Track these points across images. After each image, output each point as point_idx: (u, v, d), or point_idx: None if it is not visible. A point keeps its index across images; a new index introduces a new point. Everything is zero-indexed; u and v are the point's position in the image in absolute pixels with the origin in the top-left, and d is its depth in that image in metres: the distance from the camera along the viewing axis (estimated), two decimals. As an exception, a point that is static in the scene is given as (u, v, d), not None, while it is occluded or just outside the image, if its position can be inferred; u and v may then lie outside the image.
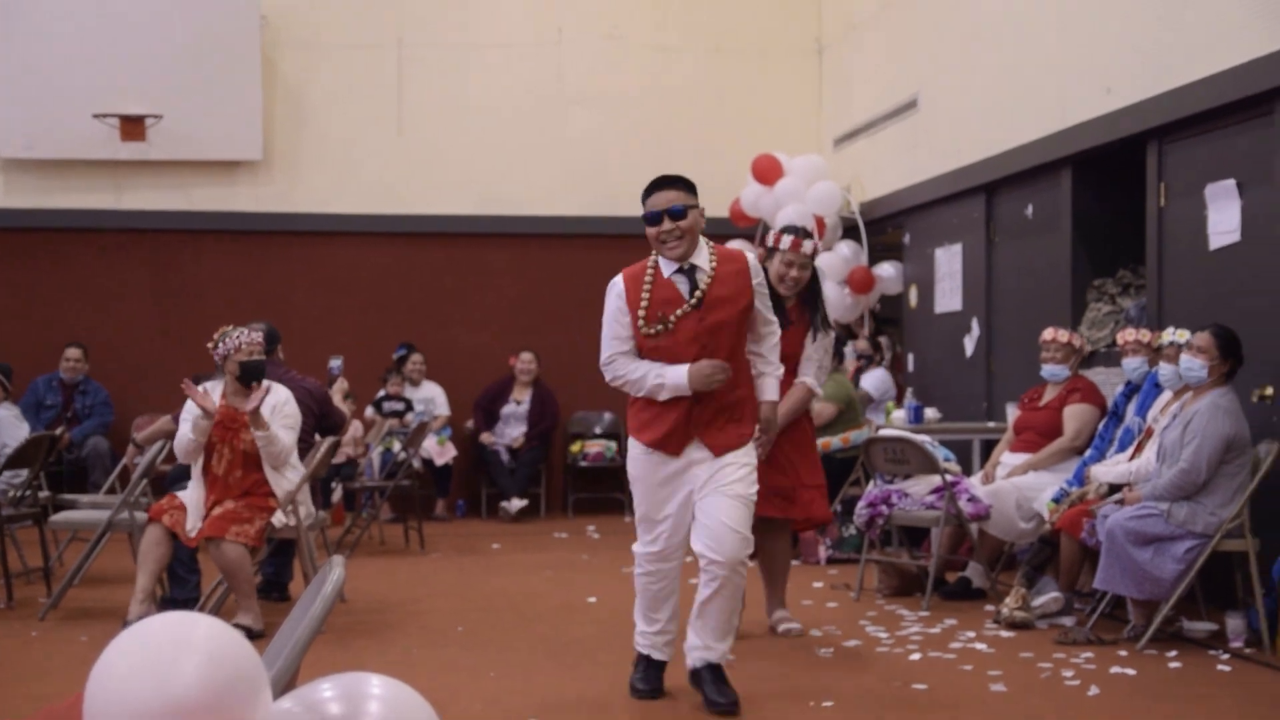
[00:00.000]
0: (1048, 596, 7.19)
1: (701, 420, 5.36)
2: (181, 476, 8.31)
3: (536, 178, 13.08)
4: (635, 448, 5.49)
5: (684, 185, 5.42)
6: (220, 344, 7.16)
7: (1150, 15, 8.03)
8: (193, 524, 7.01)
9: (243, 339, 7.16)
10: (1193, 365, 6.70)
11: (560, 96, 13.13)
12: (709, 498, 5.32)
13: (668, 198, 5.39)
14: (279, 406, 7.17)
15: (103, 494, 9.47)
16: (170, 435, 8.12)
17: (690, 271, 5.38)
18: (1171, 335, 6.99)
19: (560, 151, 13.10)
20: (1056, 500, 7.38)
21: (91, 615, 7.62)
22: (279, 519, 7.12)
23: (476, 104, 13.01)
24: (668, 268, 5.41)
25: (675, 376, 5.31)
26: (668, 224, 5.35)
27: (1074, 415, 8.03)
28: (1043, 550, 7.40)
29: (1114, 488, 7.09)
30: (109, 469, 10.94)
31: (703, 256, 5.39)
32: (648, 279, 5.41)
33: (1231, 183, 7.40)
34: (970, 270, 10.53)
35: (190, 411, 7.03)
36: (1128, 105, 8.20)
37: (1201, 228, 7.66)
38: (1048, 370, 8.20)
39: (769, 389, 5.62)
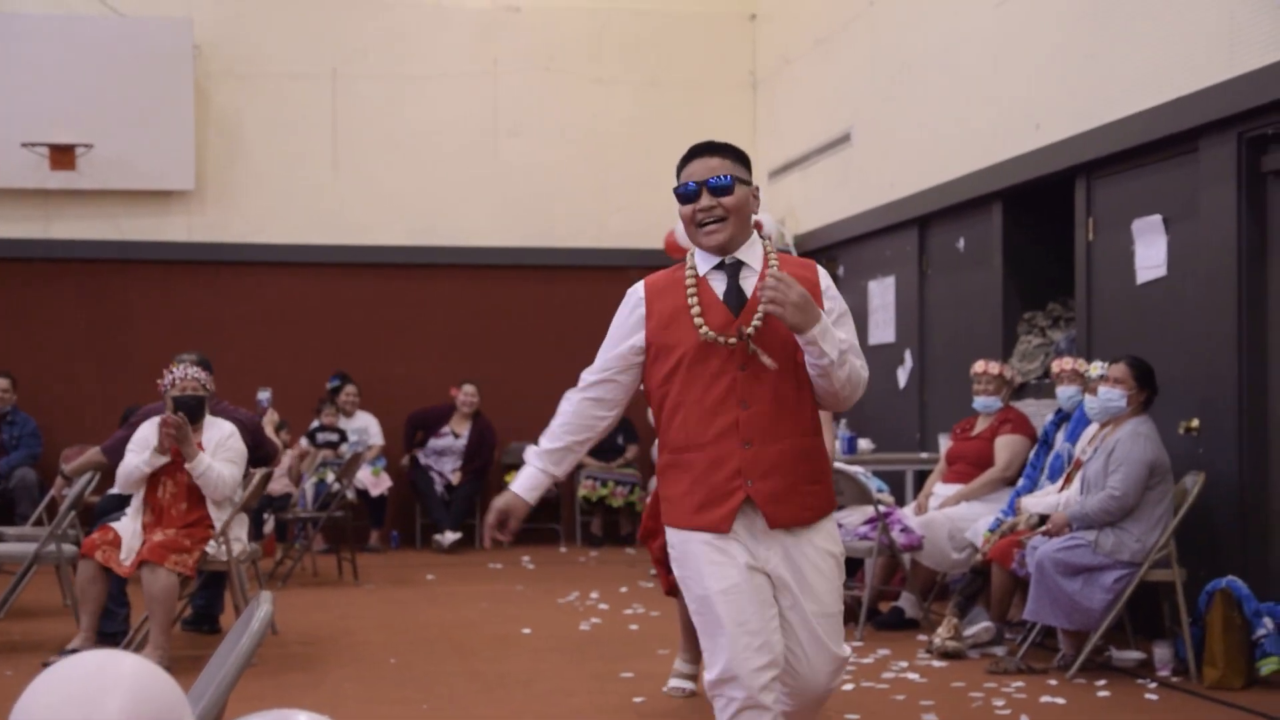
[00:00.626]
0: (979, 626, 7.24)
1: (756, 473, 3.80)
2: (112, 508, 8.22)
3: (472, 209, 13.07)
4: (671, 534, 3.93)
5: (732, 153, 3.94)
6: (165, 377, 7.13)
7: (1078, 54, 8.16)
8: (127, 553, 6.94)
9: (178, 375, 7.13)
10: (1111, 395, 6.80)
11: (496, 128, 13.15)
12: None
13: (708, 166, 3.90)
14: (222, 441, 7.13)
15: (30, 526, 9.35)
16: (99, 467, 8.05)
17: (733, 270, 3.88)
18: (1100, 369, 7.09)
19: (496, 183, 13.11)
20: (993, 530, 7.45)
21: (18, 649, 7.51)
22: (211, 548, 7.07)
23: (412, 135, 13.00)
24: (704, 263, 3.92)
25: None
26: (706, 200, 3.87)
27: (1005, 446, 8.11)
28: (974, 580, 7.45)
29: (1044, 518, 7.16)
30: (36, 500, 10.81)
31: (754, 252, 3.90)
32: (690, 282, 3.89)
33: (1158, 218, 7.51)
34: (903, 302, 10.62)
35: (144, 444, 6.98)
36: (1057, 141, 8.31)
37: (1129, 262, 7.77)
38: (979, 402, 8.28)
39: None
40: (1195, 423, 7.15)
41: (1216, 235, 7.01)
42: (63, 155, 11.96)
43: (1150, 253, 7.59)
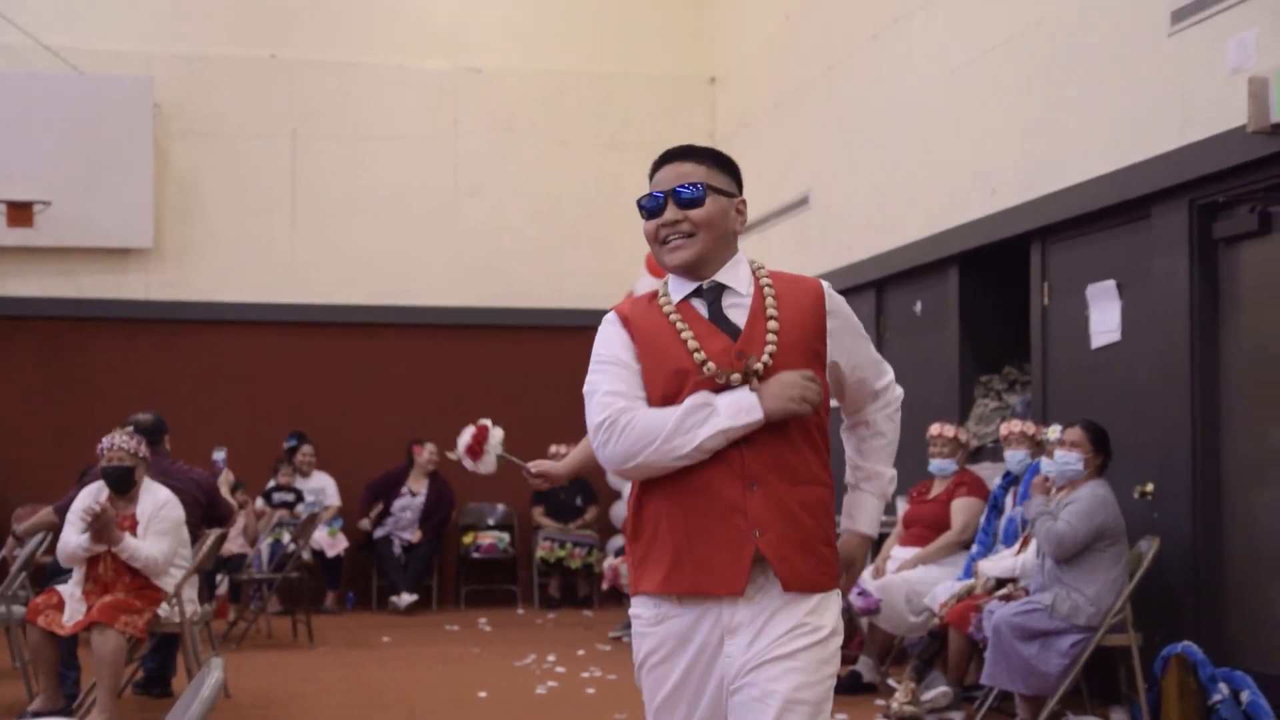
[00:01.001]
0: (937, 691, 7.23)
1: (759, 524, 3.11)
2: (62, 569, 8.14)
3: (431, 269, 13.08)
4: (642, 607, 3.21)
5: (711, 158, 3.31)
6: (99, 445, 7.03)
7: (1033, 120, 8.26)
8: (70, 615, 6.86)
9: (105, 446, 7.01)
10: (1069, 459, 6.82)
11: (456, 188, 13.18)
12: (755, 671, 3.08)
13: (679, 173, 3.27)
14: (155, 511, 7.00)
15: (-20, 587, 9.22)
16: (51, 527, 7.97)
17: (713, 295, 3.27)
18: (1058, 433, 7.13)
19: (456, 243, 13.13)
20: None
21: (-35, 713, 7.41)
22: (164, 610, 7.00)
23: (372, 195, 13.02)
24: (678, 290, 3.29)
25: (736, 402, 3.10)
26: (671, 212, 3.24)
27: (961, 509, 8.13)
28: (931, 644, 7.45)
29: (1000, 581, 7.17)
30: (-13, 561, 10.67)
31: (738, 274, 3.30)
32: (668, 309, 3.25)
33: (1112, 283, 7.59)
34: (861, 365, 10.63)
35: (78, 515, 6.88)
36: (1012, 206, 8.40)
37: (1084, 326, 7.83)
38: (935, 464, 8.30)
39: (863, 513, 3.61)
40: (1150, 487, 7.19)
41: (1169, 300, 7.08)
42: (20, 212, 11.90)
43: (1105, 318, 7.66)
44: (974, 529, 8.05)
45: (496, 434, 4.25)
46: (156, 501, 7.05)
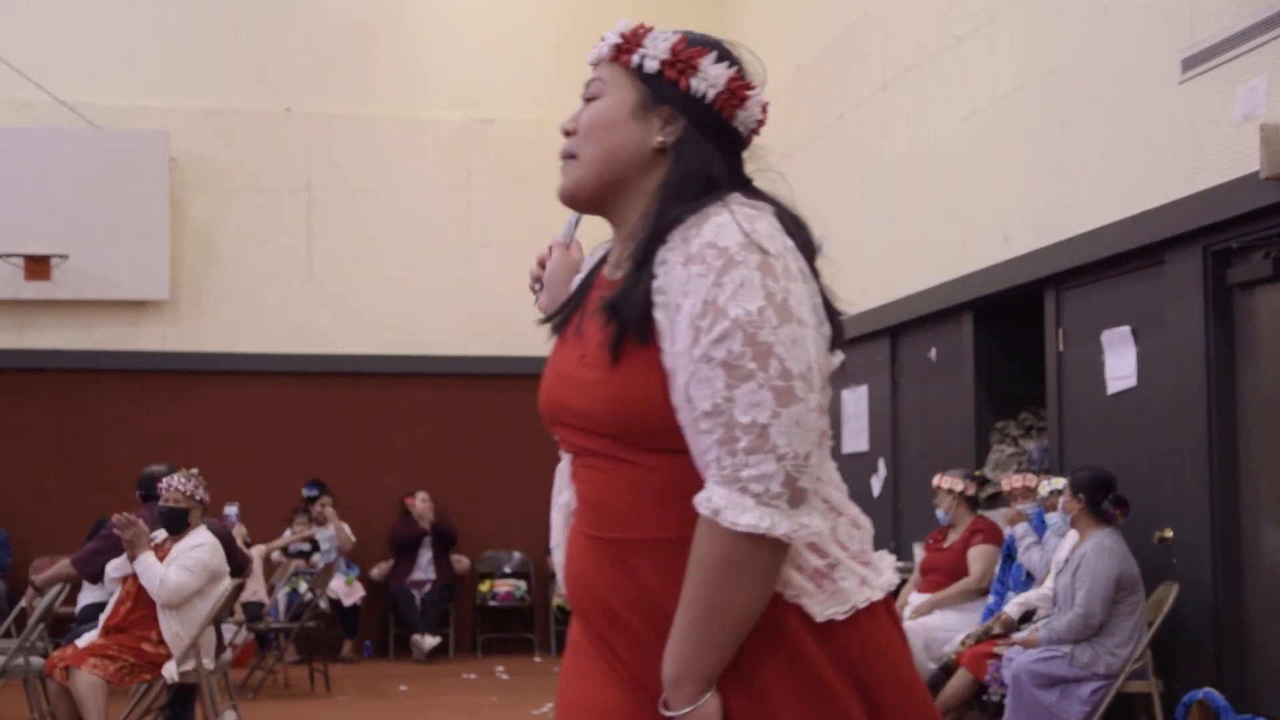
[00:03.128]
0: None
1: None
2: (90, 617, 8.18)
3: (445, 320, 13.13)
4: None
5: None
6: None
7: (1046, 167, 8.30)
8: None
9: (164, 484, 7.32)
10: (1053, 519, 6.98)
11: (469, 239, 13.25)
12: None
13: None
14: (188, 549, 7.15)
15: (-2, 639, 9.24)
16: (69, 579, 8.03)
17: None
18: (1049, 487, 7.21)
19: (468, 294, 13.18)
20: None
21: (-15, 766, 7.42)
22: (169, 672, 7.04)
23: (385, 246, 13.08)
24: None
25: None
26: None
27: (979, 557, 8.14)
28: (932, 680, 7.50)
29: (1025, 615, 7.21)
30: (5, 612, 10.67)
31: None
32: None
33: (1127, 329, 7.61)
34: (876, 411, 10.68)
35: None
36: (1025, 253, 8.43)
37: (1099, 372, 7.85)
38: (940, 514, 8.37)
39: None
40: (1169, 533, 7.19)
41: (1184, 346, 7.10)
42: (38, 265, 11.99)
43: (1120, 363, 7.67)
44: (991, 576, 8.05)
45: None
46: (194, 541, 7.23)
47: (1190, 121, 7.00)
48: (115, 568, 7.17)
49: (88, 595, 8.59)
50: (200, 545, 7.20)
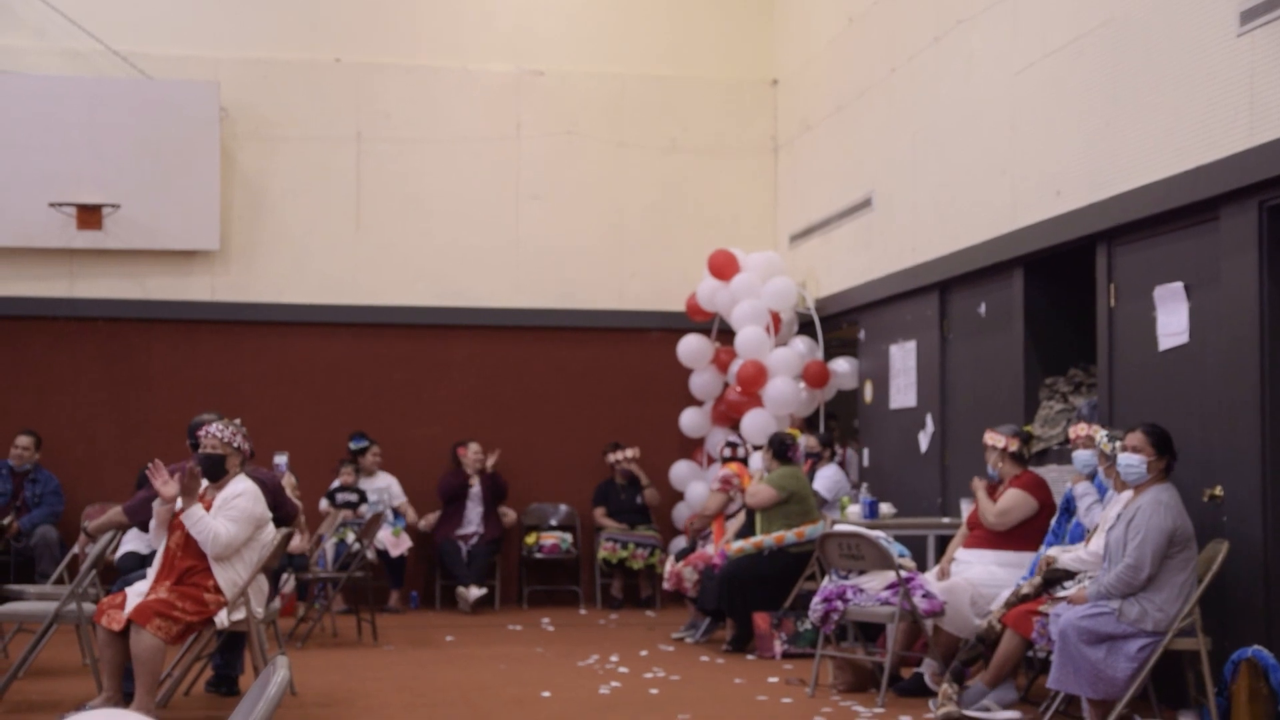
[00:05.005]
0: (1006, 716, 7.22)
1: None
2: (132, 567, 8.25)
3: (493, 271, 13.14)
4: None
5: None
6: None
7: (1099, 121, 8.20)
8: (129, 608, 6.96)
9: (204, 432, 7.30)
10: (1132, 462, 6.77)
11: (518, 191, 13.23)
12: None
13: None
14: (230, 498, 7.15)
15: (50, 584, 9.35)
16: (121, 526, 8.09)
17: None
18: (1105, 438, 7.12)
19: (517, 245, 13.18)
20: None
21: (36, 708, 7.51)
22: (220, 619, 7.06)
23: (434, 197, 13.09)
24: None
25: None
26: None
27: (1008, 496, 8.07)
28: (977, 646, 7.44)
29: (1065, 574, 7.14)
30: (57, 559, 10.82)
31: None
32: None
33: (1179, 285, 7.53)
34: (924, 367, 10.63)
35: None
36: (1077, 208, 8.34)
37: (1151, 328, 7.77)
38: (991, 470, 8.31)
39: None
40: (1219, 490, 7.13)
41: (1238, 303, 7.02)
42: (89, 215, 12.07)
43: (1172, 320, 7.60)
44: (1013, 519, 7.99)
45: None
46: (234, 490, 7.21)
47: (1250, 74, 6.89)
48: (159, 514, 7.17)
49: (127, 543, 8.66)
50: (241, 494, 7.21)
